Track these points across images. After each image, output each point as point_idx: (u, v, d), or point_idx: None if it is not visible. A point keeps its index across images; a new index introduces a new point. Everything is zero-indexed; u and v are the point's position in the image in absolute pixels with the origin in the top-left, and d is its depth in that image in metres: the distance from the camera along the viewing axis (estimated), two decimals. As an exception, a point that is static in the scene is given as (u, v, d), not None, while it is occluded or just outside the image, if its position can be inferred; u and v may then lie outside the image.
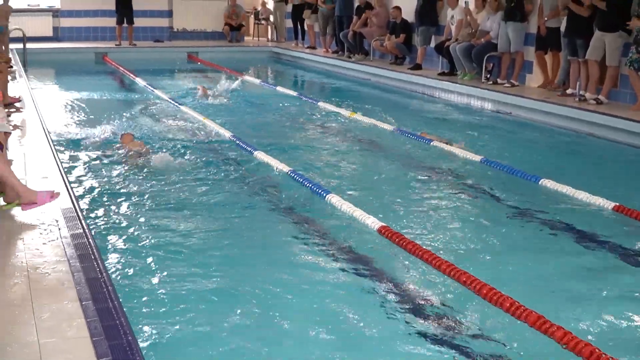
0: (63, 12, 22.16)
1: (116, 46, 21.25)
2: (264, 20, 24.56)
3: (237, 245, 6.20)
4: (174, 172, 8.41)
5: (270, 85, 16.03)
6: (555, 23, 12.81)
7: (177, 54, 20.82)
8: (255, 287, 5.29)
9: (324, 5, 19.79)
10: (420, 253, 5.75)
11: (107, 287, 4.43)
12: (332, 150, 9.90)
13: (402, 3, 17.17)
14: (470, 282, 5.15)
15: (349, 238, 6.37)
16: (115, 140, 9.52)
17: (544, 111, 12.03)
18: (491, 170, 8.74)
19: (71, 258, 4.88)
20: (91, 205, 7.06)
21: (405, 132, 10.62)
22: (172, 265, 5.65)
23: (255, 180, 8.28)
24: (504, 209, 7.39)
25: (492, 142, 10.53)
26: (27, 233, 5.39)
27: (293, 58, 21.21)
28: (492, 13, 14.11)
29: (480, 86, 13.85)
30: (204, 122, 11.24)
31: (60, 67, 18.55)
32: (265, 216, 7.06)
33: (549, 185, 7.92)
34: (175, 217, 6.79)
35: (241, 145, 9.66)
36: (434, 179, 8.43)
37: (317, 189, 7.54)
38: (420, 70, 16.04)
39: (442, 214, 7.12)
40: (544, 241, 6.47)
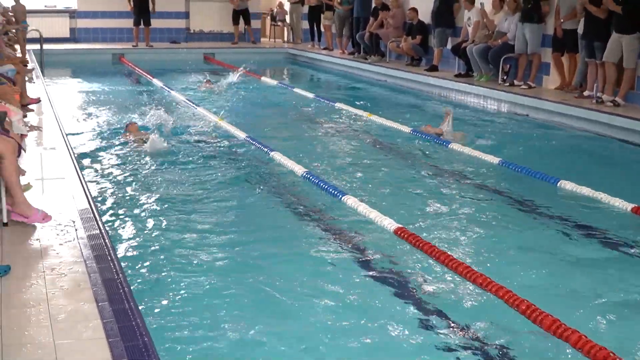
0: (80, 13, 22.24)
1: (133, 47, 21.31)
2: (280, 22, 24.57)
3: (254, 246, 6.18)
4: (190, 173, 8.44)
5: (287, 86, 16.04)
6: (572, 25, 12.74)
7: (194, 55, 20.85)
8: (272, 289, 5.28)
9: (341, 7, 19.78)
10: (437, 255, 5.73)
11: (124, 288, 4.43)
12: (348, 151, 9.88)
13: (418, 4, 17.14)
14: (486, 284, 5.13)
15: (365, 239, 6.35)
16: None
17: (561, 113, 11.97)
18: (509, 172, 8.71)
19: (87, 259, 4.90)
20: (107, 206, 7.09)
21: (421, 134, 10.59)
22: (188, 266, 5.66)
23: (271, 181, 8.28)
24: (522, 211, 7.36)
25: (509, 144, 10.47)
26: (43, 234, 5.40)
27: (309, 59, 21.20)
28: (510, 14, 14.05)
29: (497, 88, 13.79)
30: (220, 122, 11.26)
31: (77, 68, 18.63)
32: (281, 217, 7.05)
33: (568, 187, 7.89)
34: (191, 219, 6.79)
35: (258, 146, 9.66)
36: (451, 181, 8.40)
37: (333, 190, 7.53)
38: (437, 72, 15.99)
39: (459, 215, 7.08)
40: (562, 243, 6.43)
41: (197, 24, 23.48)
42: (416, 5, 17.20)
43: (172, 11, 22.82)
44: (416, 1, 17.43)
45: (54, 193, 6.44)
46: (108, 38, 22.41)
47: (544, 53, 13.68)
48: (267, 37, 25.47)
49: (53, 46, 19.50)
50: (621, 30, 11.34)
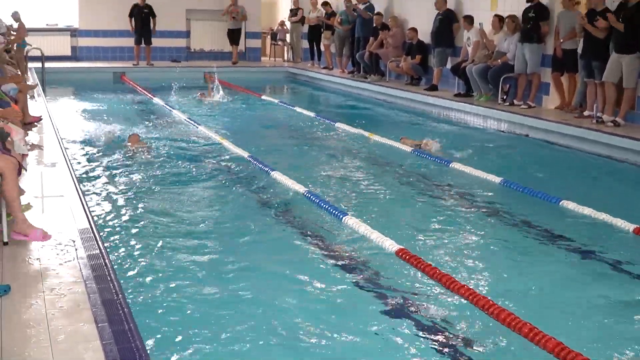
0: (81, 31, 22.30)
1: (134, 66, 21.36)
2: (281, 41, 24.65)
3: (254, 267, 6.15)
4: (191, 192, 8.45)
5: (288, 105, 16.05)
6: (571, 45, 12.78)
7: (194, 73, 20.90)
8: (272, 310, 5.26)
9: (341, 27, 19.84)
10: (438, 276, 5.71)
11: (123, 309, 4.41)
12: (349, 170, 9.87)
13: (418, 24, 17.19)
14: (488, 306, 5.11)
15: (367, 260, 6.33)
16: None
17: (561, 133, 11.98)
18: (511, 191, 8.70)
19: (87, 279, 4.88)
20: (108, 225, 7.07)
21: (423, 153, 10.59)
22: (189, 287, 5.63)
23: (271, 201, 8.27)
24: (525, 231, 7.34)
25: (510, 164, 10.50)
26: (43, 253, 5.38)
27: (309, 78, 21.25)
28: (509, 34, 14.08)
29: (497, 107, 13.81)
30: (222, 142, 11.26)
31: (78, 86, 18.64)
32: (282, 237, 7.03)
33: (570, 207, 7.88)
34: (192, 239, 6.77)
35: (259, 165, 9.66)
36: (452, 201, 8.39)
37: (334, 210, 7.51)
38: (436, 91, 16.03)
39: (461, 236, 7.07)
40: (565, 264, 6.41)
41: (198, 43, 23.55)
42: (416, 25, 17.25)
43: (173, 30, 22.89)
44: (416, 21, 17.48)
45: (54, 212, 6.42)
46: (109, 57, 22.46)
47: (544, 73, 13.70)
48: (267, 56, 25.54)
49: (54, 64, 19.53)
50: (621, 50, 11.36)
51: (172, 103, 15.62)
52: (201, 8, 23.20)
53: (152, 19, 21.24)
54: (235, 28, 22.48)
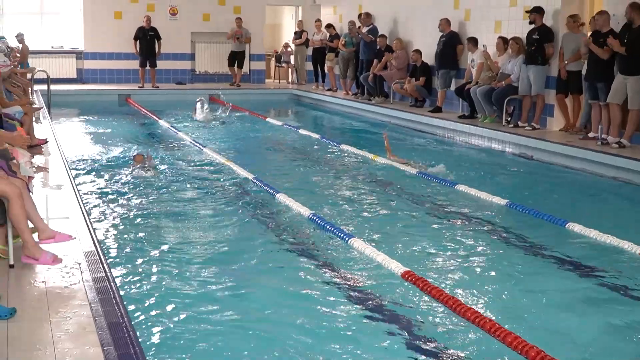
0: (87, 54, 22.39)
1: (139, 88, 21.44)
2: (285, 63, 24.74)
3: (259, 290, 6.15)
4: (195, 213, 8.46)
5: (293, 127, 16.08)
6: (576, 66, 12.81)
7: (199, 96, 20.97)
8: (277, 334, 5.25)
9: (345, 49, 19.91)
10: (444, 299, 5.69)
11: (129, 332, 4.41)
12: (354, 192, 9.87)
13: (422, 46, 17.25)
14: (494, 330, 5.09)
15: (373, 283, 6.32)
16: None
17: (566, 155, 11.97)
18: (517, 213, 8.68)
19: (93, 302, 4.87)
20: (113, 247, 7.07)
21: (428, 175, 10.59)
22: (194, 311, 5.62)
23: (276, 223, 8.27)
24: (531, 253, 7.33)
25: (515, 186, 10.49)
26: (49, 276, 5.38)
27: (314, 100, 21.30)
28: (513, 56, 14.12)
29: (501, 129, 13.82)
30: (227, 164, 11.28)
31: (84, 108, 18.67)
32: (287, 260, 7.02)
33: (576, 229, 7.86)
34: (197, 262, 6.77)
35: (263, 187, 9.66)
36: (459, 223, 8.37)
37: (340, 232, 7.51)
38: (441, 113, 16.05)
39: (468, 258, 7.05)
40: (572, 286, 6.39)
41: (203, 66, 23.64)
42: (420, 47, 17.31)
43: (178, 53, 22.99)
44: (420, 43, 17.54)
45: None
46: (115, 79, 22.54)
47: (548, 95, 13.71)
48: (272, 78, 25.62)
49: (60, 87, 19.60)
50: (626, 72, 11.38)
51: (177, 125, 15.66)
52: (206, 31, 23.30)
53: (157, 41, 21.36)
54: (239, 50, 22.57)
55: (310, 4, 24.02)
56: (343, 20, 21.31)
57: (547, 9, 13.51)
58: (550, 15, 13.55)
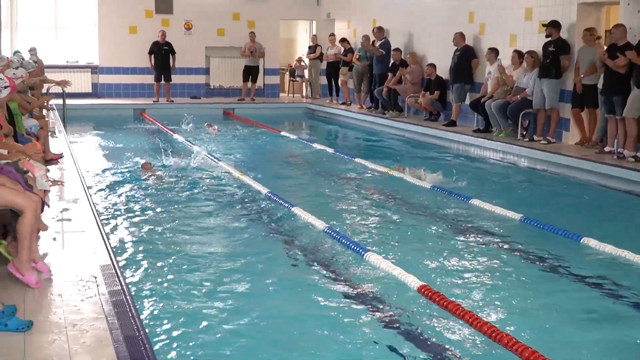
0: (102, 69, 22.52)
1: (154, 102, 21.53)
2: (299, 77, 24.79)
3: (275, 304, 6.14)
4: (210, 227, 8.48)
5: (306, 141, 16.09)
6: (592, 80, 12.77)
7: (214, 110, 21.01)
8: (294, 349, 5.24)
9: (359, 63, 19.94)
10: (461, 314, 5.66)
11: (145, 345, 4.41)
12: (368, 206, 9.85)
13: (436, 60, 17.25)
14: (512, 344, 5.06)
15: (389, 297, 6.30)
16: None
17: (581, 169, 11.92)
18: (531, 228, 8.64)
19: (109, 315, 4.88)
20: (129, 260, 7.08)
21: (442, 189, 10.56)
22: (211, 325, 5.62)
23: (292, 237, 8.26)
24: (546, 269, 7.29)
25: (530, 200, 10.44)
26: (65, 289, 5.40)
27: (328, 114, 21.32)
28: (529, 70, 14.09)
29: (516, 143, 13.78)
30: (241, 177, 11.29)
31: (99, 122, 18.77)
32: (302, 274, 7.01)
33: (591, 244, 7.81)
34: (212, 275, 6.78)
35: (279, 201, 9.66)
36: (473, 237, 8.34)
37: (355, 246, 7.49)
38: (455, 127, 16.03)
39: (483, 273, 7.03)
40: (587, 301, 6.36)
41: (217, 80, 23.71)
42: (434, 61, 17.31)
43: (192, 67, 23.09)
44: (434, 57, 17.55)
45: (76, 247, 6.45)
46: (130, 93, 22.64)
47: (563, 108, 13.67)
48: (286, 92, 25.67)
49: (75, 101, 19.70)
50: (642, 85, 11.34)
51: (192, 139, 15.70)
52: (220, 45, 23.38)
53: (172, 56, 21.48)
54: (253, 65, 22.63)
55: (324, 19, 24.08)
56: (357, 34, 21.35)
57: (563, 22, 13.49)
58: (566, 28, 13.52)
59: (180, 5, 22.91)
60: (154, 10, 22.71)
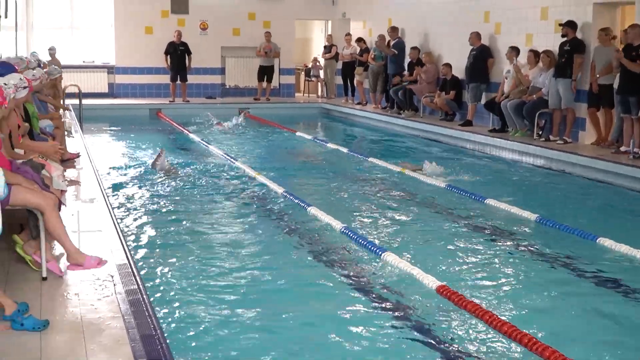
0: (118, 69, 22.60)
1: (170, 102, 21.59)
2: (314, 77, 24.79)
3: (293, 304, 6.15)
4: (227, 226, 8.52)
5: (321, 141, 16.09)
6: (607, 80, 12.71)
7: (229, 110, 21.05)
8: (312, 349, 5.25)
9: (374, 62, 19.93)
10: (480, 313, 5.66)
11: (162, 344, 4.42)
12: (384, 206, 9.84)
13: (452, 60, 17.21)
14: (532, 344, 5.05)
15: (407, 297, 6.29)
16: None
17: (597, 168, 11.87)
18: (547, 228, 8.61)
19: (126, 314, 4.89)
20: (146, 260, 7.11)
21: (458, 189, 10.54)
22: (227, 323, 5.64)
23: (309, 237, 8.26)
24: (562, 269, 7.27)
25: (545, 200, 10.40)
26: (82, 288, 5.42)
27: (343, 114, 21.30)
28: (544, 70, 14.04)
29: (533, 143, 13.74)
30: (257, 177, 11.31)
31: (115, 122, 18.84)
32: (320, 274, 7.00)
33: (607, 244, 7.78)
34: (228, 275, 6.80)
35: (295, 200, 9.67)
36: (489, 237, 8.33)
37: (373, 246, 7.49)
38: (471, 127, 15.99)
39: (499, 273, 7.02)
40: (603, 302, 6.33)
41: (232, 80, 23.74)
42: (450, 60, 17.27)
43: (208, 67, 23.13)
44: (450, 57, 17.51)
45: (92, 247, 6.47)
46: (145, 93, 22.71)
47: (579, 108, 13.62)
48: (301, 92, 25.68)
49: (92, 101, 19.79)
50: (658, 86, 11.29)
51: (208, 139, 15.73)
52: (236, 45, 23.41)
53: (187, 56, 21.52)
54: (268, 65, 22.65)
55: (339, 18, 24.07)
56: (373, 34, 21.33)
57: (579, 22, 13.43)
58: (581, 28, 13.46)
59: (196, 6, 22.95)
60: (170, 10, 22.76)
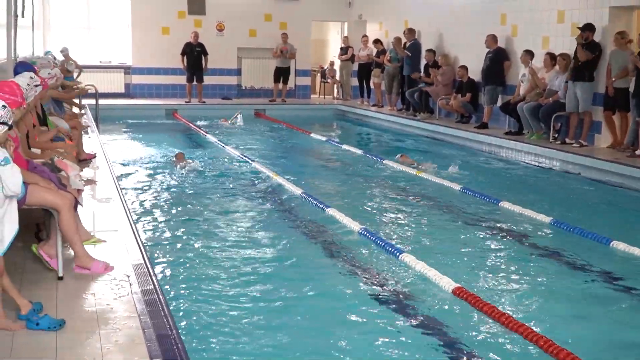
0: (134, 69, 22.68)
1: (186, 103, 21.65)
2: (330, 79, 24.80)
3: (309, 306, 6.17)
4: (244, 226, 8.57)
5: (336, 143, 16.11)
6: (623, 83, 12.67)
7: (245, 111, 21.10)
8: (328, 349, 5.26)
9: (390, 64, 19.93)
10: (497, 316, 5.67)
11: (177, 344, 4.45)
12: (400, 208, 9.85)
13: (468, 62, 17.19)
14: (547, 346, 5.06)
15: (423, 299, 6.31)
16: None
17: (613, 172, 11.84)
18: (561, 231, 8.60)
19: (142, 314, 4.93)
20: (162, 260, 7.14)
21: (473, 192, 10.54)
22: (242, 323, 5.67)
23: (327, 238, 8.29)
24: (576, 272, 7.27)
25: (560, 203, 10.38)
26: (98, 288, 5.46)
27: (358, 116, 21.30)
28: (561, 73, 14.01)
29: (549, 146, 13.70)
30: (275, 178, 11.35)
31: (131, 122, 18.92)
32: (337, 274, 7.02)
33: (621, 247, 7.77)
34: (244, 274, 6.83)
35: (313, 202, 9.69)
36: (503, 240, 8.33)
37: (390, 248, 7.50)
38: (487, 129, 15.96)
39: (514, 276, 7.02)
40: (617, 305, 6.33)
41: (248, 81, 23.77)
42: (466, 63, 17.25)
43: (224, 68, 23.18)
44: (466, 59, 17.48)
45: (109, 246, 6.52)
46: (162, 94, 22.78)
47: (596, 111, 13.58)
48: (317, 94, 25.69)
49: (108, 101, 19.87)
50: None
51: (224, 140, 15.77)
52: (252, 46, 23.46)
53: (204, 57, 21.56)
54: (284, 66, 22.67)
55: (355, 20, 24.08)
56: (389, 35, 21.32)
57: (595, 25, 13.38)
58: (598, 31, 13.41)
59: (213, 7, 23.00)
60: (187, 11, 22.83)
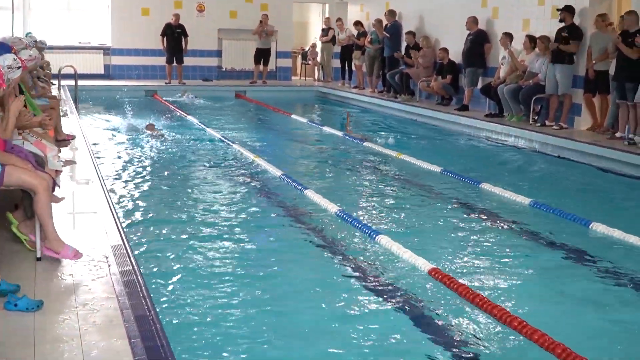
0: (114, 50, 22.51)
1: (166, 84, 21.54)
2: (311, 60, 24.74)
3: (285, 283, 6.20)
4: (223, 207, 8.56)
5: (317, 125, 16.09)
6: (604, 66, 12.72)
7: (225, 92, 21.00)
8: (304, 327, 5.28)
9: (371, 46, 19.89)
10: (471, 296, 5.69)
11: (155, 325, 4.43)
12: (379, 190, 9.87)
13: (449, 44, 17.19)
14: (521, 327, 5.09)
15: (399, 280, 6.32)
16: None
17: (592, 154, 11.90)
18: (541, 213, 8.64)
19: (120, 295, 4.91)
20: (140, 241, 7.12)
21: (452, 173, 10.56)
22: (221, 303, 5.66)
23: (304, 219, 8.28)
24: (554, 253, 7.30)
25: (540, 185, 10.43)
26: (76, 269, 5.43)
27: (339, 98, 21.28)
28: (541, 55, 14.04)
29: (528, 128, 13.75)
30: (255, 159, 11.32)
31: (110, 104, 18.78)
32: (313, 256, 7.04)
33: (600, 229, 7.81)
34: (223, 255, 6.83)
35: (291, 183, 9.68)
36: (483, 221, 8.36)
37: (367, 229, 7.51)
38: (467, 112, 15.99)
39: (493, 257, 7.03)
40: (595, 286, 6.37)
41: (229, 62, 23.67)
42: (447, 45, 17.26)
43: (205, 49, 23.07)
44: (447, 41, 17.48)
45: (87, 228, 6.49)
46: (142, 75, 22.65)
47: (575, 94, 13.63)
48: (298, 76, 25.64)
49: (87, 82, 19.73)
50: (654, 72, 11.29)
51: (205, 121, 15.71)
52: (233, 28, 23.35)
53: (184, 38, 21.44)
54: (265, 48, 22.57)
55: (337, 1, 24.01)
56: (370, 17, 21.28)
57: (576, 7, 13.42)
58: (578, 13, 13.45)
59: (193, -13, 22.90)
60: (167, -9, 22.71)
